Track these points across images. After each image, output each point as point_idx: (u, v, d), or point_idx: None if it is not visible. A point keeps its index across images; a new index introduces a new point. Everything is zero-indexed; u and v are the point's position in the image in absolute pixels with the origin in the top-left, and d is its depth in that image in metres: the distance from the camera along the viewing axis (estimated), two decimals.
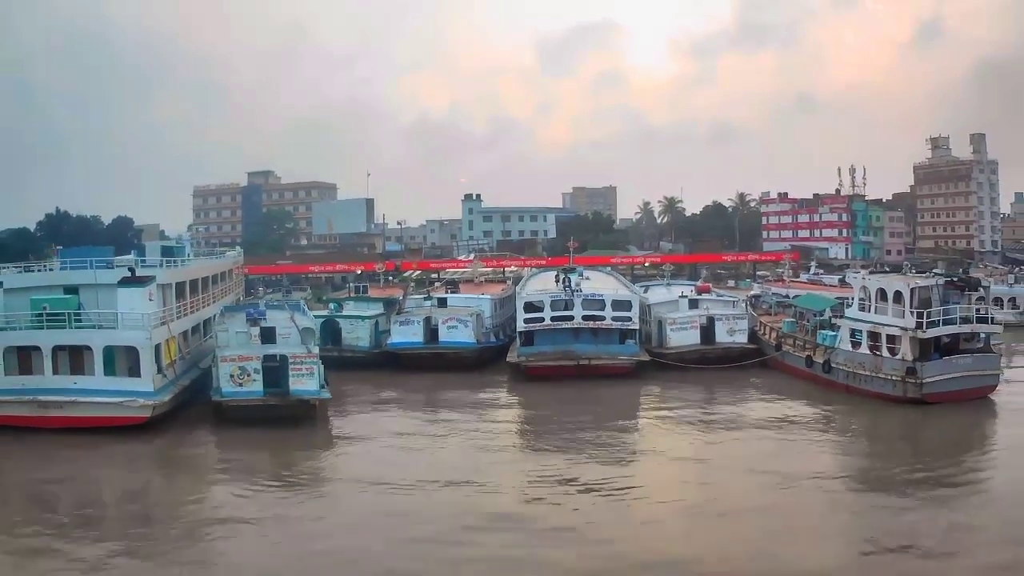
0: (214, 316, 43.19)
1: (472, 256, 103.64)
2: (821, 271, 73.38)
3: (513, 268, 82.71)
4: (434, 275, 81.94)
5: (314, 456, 29.11)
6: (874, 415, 33.47)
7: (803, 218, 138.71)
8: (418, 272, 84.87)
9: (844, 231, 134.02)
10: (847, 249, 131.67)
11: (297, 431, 30.89)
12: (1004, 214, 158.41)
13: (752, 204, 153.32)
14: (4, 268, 38.61)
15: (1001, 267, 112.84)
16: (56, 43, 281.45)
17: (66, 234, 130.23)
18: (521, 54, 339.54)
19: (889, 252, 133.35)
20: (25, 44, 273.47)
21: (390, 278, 65.95)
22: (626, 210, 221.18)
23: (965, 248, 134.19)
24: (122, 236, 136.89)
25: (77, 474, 27.24)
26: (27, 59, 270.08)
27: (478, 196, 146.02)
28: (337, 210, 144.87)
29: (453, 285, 55.73)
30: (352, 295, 52.26)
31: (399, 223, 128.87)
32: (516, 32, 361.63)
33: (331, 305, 48.68)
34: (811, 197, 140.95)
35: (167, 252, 48.15)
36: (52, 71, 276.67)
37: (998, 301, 64.29)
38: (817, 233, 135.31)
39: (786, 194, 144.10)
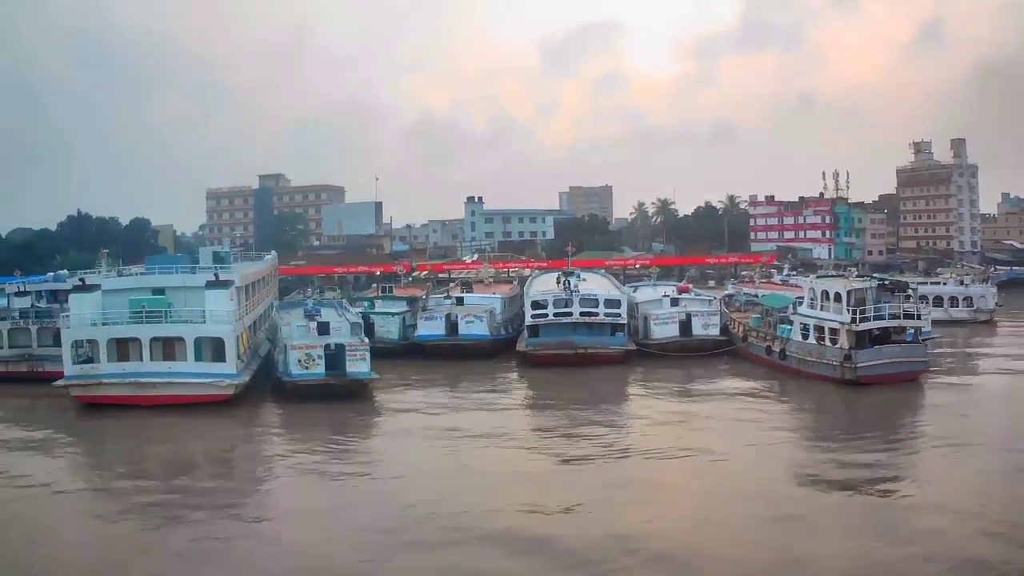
0: (265, 312, 50.85)
1: (476, 257, 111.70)
2: (795, 272, 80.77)
3: (516, 269, 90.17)
4: (442, 275, 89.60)
5: (368, 421, 36.92)
6: (818, 392, 40.88)
7: (788, 220, 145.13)
8: (427, 272, 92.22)
9: (827, 233, 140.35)
10: (830, 250, 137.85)
11: (352, 404, 38.47)
12: (989, 214, 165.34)
13: (742, 206, 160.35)
14: (100, 273, 46.37)
15: (976, 267, 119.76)
16: (58, 44, 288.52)
17: (88, 235, 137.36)
18: (523, 54, 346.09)
19: (871, 252, 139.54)
20: (27, 45, 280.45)
21: (409, 279, 73.71)
22: (623, 208, 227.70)
23: (945, 248, 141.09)
24: (139, 237, 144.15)
25: (182, 439, 34.29)
26: (29, 59, 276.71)
27: (480, 199, 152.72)
28: (347, 212, 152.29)
29: (468, 286, 63.53)
30: (380, 294, 59.86)
31: (408, 227, 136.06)
32: (518, 32, 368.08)
33: (364, 303, 56.18)
34: (796, 200, 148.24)
35: (217, 259, 55.84)
36: (55, 71, 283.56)
37: (954, 300, 72.18)
38: (802, 235, 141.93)
39: (772, 197, 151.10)
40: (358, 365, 39.40)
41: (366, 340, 40.97)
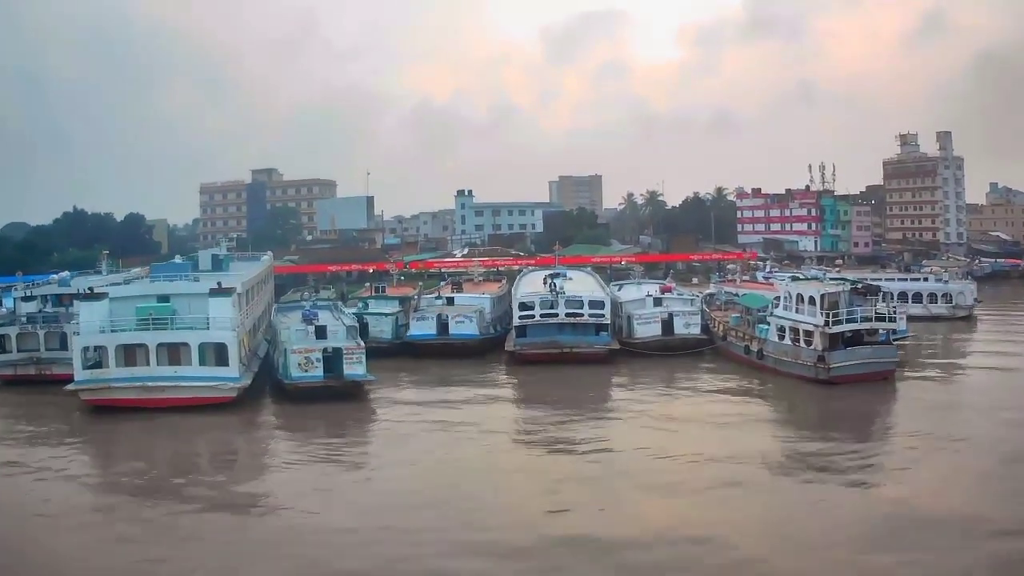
0: (263, 313, 52.65)
1: (467, 251, 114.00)
2: (777, 268, 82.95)
3: (506, 267, 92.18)
4: (433, 271, 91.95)
5: (363, 421, 39.00)
6: (793, 391, 42.95)
7: (775, 212, 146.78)
8: (419, 269, 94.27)
9: (813, 225, 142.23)
10: (816, 242, 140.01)
11: (348, 404, 40.47)
12: (978, 204, 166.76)
13: (728, 197, 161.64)
14: (102, 273, 48.27)
15: (961, 259, 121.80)
16: (62, 34, 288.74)
17: (85, 232, 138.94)
18: (526, 42, 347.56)
19: (856, 244, 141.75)
20: (29, 35, 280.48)
21: (402, 277, 75.77)
22: (613, 198, 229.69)
23: (931, 240, 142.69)
24: (135, 232, 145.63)
25: (190, 439, 36.38)
26: (31, 50, 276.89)
27: (470, 192, 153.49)
28: (340, 207, 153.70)
29: (458, 285, 65.57)
30: (373, 294, 61.81)
31: (400, 222, 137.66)
32: (521, 21, 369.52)
33: (359, 303, 58.10)
34: (783, 192, 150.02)
35: (216, 263, 57.69)
36: (56, 62, 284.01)
37: (933, 296, 74.31)
38: (788, 227, 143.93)
39: (759, 189, 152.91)
40: (354, 368, 41.40)
41: (362, 344, 42.93)
